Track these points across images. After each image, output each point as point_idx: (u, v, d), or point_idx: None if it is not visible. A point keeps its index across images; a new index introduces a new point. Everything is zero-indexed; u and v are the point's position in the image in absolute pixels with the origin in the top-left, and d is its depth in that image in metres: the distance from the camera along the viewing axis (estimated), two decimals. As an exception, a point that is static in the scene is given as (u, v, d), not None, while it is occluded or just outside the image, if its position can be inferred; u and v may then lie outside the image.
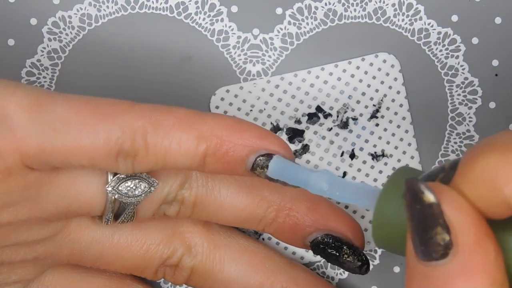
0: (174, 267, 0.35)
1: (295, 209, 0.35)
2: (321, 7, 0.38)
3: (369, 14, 0.38)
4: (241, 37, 0.38)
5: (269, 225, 0.35)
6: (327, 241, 0.34)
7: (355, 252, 0.34)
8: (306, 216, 0.35)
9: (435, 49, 0.39)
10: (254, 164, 0.30)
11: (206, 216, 0.35)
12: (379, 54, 0.38)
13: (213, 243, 0.35)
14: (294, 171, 0.29)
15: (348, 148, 0.38)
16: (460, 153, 0.39)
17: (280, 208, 0.35)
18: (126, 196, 0.31)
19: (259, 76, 0.38)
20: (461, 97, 0.39)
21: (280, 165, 0.29)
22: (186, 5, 0.38)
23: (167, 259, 0.35)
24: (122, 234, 0.34)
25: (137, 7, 0.38)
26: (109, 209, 0.32)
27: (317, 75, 0.38)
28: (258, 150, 0.30)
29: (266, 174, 0.30)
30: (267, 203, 0.35)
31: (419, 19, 0.39)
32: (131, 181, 0.31)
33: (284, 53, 0.38)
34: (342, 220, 0.35)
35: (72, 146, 0.29)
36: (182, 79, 0.38)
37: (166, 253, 0.35)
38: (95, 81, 0.38)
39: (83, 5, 0.37)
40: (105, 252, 0.34)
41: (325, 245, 0.34)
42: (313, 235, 0.35)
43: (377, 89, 0.38)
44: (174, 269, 0.35)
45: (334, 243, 0.34)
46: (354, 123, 0.38)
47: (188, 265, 0.35)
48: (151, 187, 0.32)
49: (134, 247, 0.34)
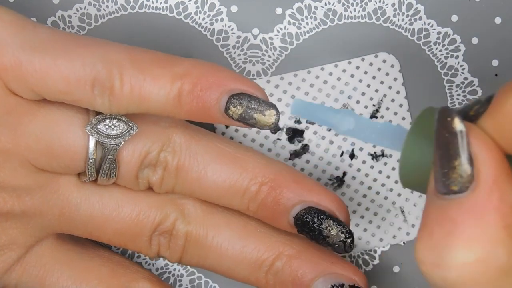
0: (169, 235, 0.34)
1: (279, 181, 0.34)
2: (321, 7, 0.38)
3: (369, 14, 0.38)
4: (240, 37, 0.38)
5: (253, 199, 0.34)
6: (311, 214, 0.34)
7: (339, 225, 0.34)
8: (290, 188, 0.34)
9: (435, 49, 0.39)
10: (227, 103, 0.31)
11: (188, 188, 0.34)
12: (379, 54, 0.38)
13: (206, 208, 0.35)
14: (317, 109, 0.29)
15: (347, 148, 0.38)
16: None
17: (263, 180, 0.34)
18: (105, 136, 0.32)
19: (259, 76, 0.38)
20: (461, 97, 0.39)
21: (302, 104, 0.29)
22: (185, 4, 0.38)
23: (160, 224, 0.34)
24: (112, 195, 0.34)
25: (136, 6, 0.38)
26: (90, 156, 0.32)
27: (317, 75, 0.38)
28: (232, 90, 0.30)
29: (238, 113, 0.30)
30: (251, 174, 0.34)
31: (419, 19, 0.39)
32: (109, 120, 0.32)
33: (284, 53, 0.38)
34: (325, 194, 0.34)
35: (49, 65, 0.30)
36: (182, 79, 0.38)
37: (158, 216, 0.34)
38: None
39: (83, 5, 0.37)
40: (95, 214, 0.34)
41: (309, 217, 0.33)
42: (297, 208, 0.34)
43: (377, 89, 0.38)
44: (169, 238, 0.35)
45: (318, 216, 0.34)
46: (354, 123, 0.38)
47: (182, 231, 0.34)
48: (130, 129, 0.32)
49: (125, 209, 0.34)
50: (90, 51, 0.30)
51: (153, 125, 0.33)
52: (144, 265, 0.39)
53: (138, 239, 0.34)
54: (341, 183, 0.39)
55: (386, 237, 0.39)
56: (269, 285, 0.35)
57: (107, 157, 0.32)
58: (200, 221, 0.35)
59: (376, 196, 0.39)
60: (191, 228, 0.35)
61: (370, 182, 0.39)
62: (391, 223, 0.39)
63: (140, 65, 0.30)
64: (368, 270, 0.39)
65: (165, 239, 0.35)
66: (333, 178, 0.39)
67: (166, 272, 0.39)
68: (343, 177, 0.39)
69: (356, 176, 0.39)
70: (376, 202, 0.39)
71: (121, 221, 0.34)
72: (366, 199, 0.39)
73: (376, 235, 0.39)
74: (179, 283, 0.39)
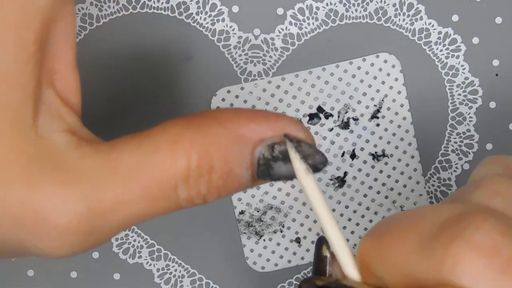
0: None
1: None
2: (322, 8, 0.38)
3: (370, 14, 0.38)
4: (242, 37, 0.38)
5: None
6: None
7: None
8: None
9: (436, 49, 0.39)
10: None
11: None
12: (380, 54, 0.39)
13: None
14: None
15: (349, 148, 0.39)
16: (460, 152, 0.39)
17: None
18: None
19: (260, 76, 0.38)
20: (462, 97, 0.39)
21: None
22: (187, 5, 0.38)
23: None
24: None
25: (138, 6, 0.38)
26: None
27: (318, 76, 0.38)
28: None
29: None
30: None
31: (419, 19, 0.39)
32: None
33: (285, 53, 0.38)
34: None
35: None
36: (183, 79, 0.38)
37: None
38: (96, 81, 0.38)
39: (85, 5, 0.37)
40: None
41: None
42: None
43: (378, 90, 0.39)
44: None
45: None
46: (355, 124, 0.39)
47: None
48: None
49: None
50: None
51: None
52: (145, 266, 0.39)
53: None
54: (342, 183, 0.39)
55: (386, 236, 0.39)
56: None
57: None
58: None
59: (376, 196, 0.39)
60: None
61: (371, 182, 0.39)
62: (391, 223, 0.39)
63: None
64: (368, 269, 0.39)
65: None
66: (334, 178, 0.39)
67: (167, 273, 0.39)
68: (344, 177, 0.39)
69: (357, 176, 0.39)
70: (376, 202, 0.39)
71: None
72: (367, 198, 0.39)
73: (377, 234, 0.39)
74: (180, 284, 0.39)
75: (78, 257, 0.39)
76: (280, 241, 0.39)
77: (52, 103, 0.27)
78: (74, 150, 0.26)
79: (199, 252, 0.39)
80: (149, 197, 0.27)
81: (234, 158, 0.27)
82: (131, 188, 0.26)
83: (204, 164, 0.27)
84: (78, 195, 0.26)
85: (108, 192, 0.26)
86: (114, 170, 0.26)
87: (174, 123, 0.27)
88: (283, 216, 0.39)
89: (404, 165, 0.39)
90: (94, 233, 0.26)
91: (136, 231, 0.39)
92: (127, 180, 0.26)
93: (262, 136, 0.28)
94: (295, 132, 0.28)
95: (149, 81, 0.38)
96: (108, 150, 0.27)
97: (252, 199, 0.39)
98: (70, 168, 0.26)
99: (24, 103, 0.25)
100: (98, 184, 0.26)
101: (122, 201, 0.26)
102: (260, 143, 0.27)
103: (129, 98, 0.38)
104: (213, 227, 0.39)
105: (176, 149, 0.26)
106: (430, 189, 0.39)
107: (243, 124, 0.27)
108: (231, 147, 0.27)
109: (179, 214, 0.39)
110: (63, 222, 0.25)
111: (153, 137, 0.27)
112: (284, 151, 0.28)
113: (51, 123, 0.26)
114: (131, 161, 0.26)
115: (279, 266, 0.39)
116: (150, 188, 0.26)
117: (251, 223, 0.39)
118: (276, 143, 0.28)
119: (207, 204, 0.39)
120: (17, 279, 0.39)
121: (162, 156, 0.26)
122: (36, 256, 0.27)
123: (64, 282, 0.39)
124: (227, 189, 0.28)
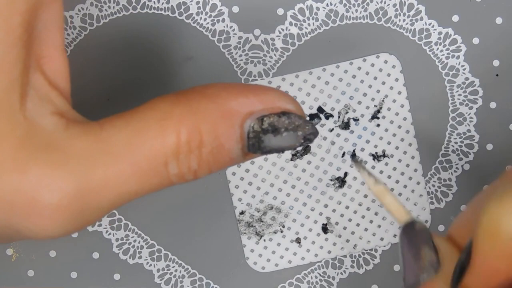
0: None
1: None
2: (323, 8, 0.38)
3: (370, 14, 0.38)
4: (242, 38, 0.38)
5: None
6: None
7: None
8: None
9: (436, 49, 0.39)
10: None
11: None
12: (381, 54, 0.39)
13: None
14: None
15: (349, 149, 0.39)
16: (461, 153, 0.39)
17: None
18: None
19: (260, 77, 0.38)
20: (462, 97, 0.39)
21: None
22: (187, 5, 0.38)
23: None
24: None
25: (138, 7, 0.38)
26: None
27: (319, 76, 0.38)
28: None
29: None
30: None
31: (420, 20, 0.39)
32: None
33: (286, 53, 0.38)
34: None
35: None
36: (183, 80, 0.38)
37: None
38: (96, 81, 0.38)
39: (85, 5, 0.37)
40: None
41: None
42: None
43: (379, 90, 0.39)
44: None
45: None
46: (355, 124, 0.39)
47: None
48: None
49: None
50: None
51: None
52: (145, 266, 0.39)
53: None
54: (343, 184, 0.39)
55: (387, 236, 0.39)
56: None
57: None
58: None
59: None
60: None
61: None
62: (391, 223, 0.39)
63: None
64: (369, 269, 0.39)
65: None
66: (335, 179, 0.39)
67: (167, 273, 0.39)
68: (344, 177, 0.39)
69: (357, 176, 0.39)
70: (377, 202, 0.39)
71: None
72: (367, 199, 0.39)
73: (377, 234, 0.39)
74: (180, 284, 0.39)
75: (78, 258, 0.39)
76: (280, 242, 0.39)
77: (40, 86, 0.27)
78: (63, 131, 0.26)
79: (199, 252, 0.39)
80: (139, 174, 0.27)
81: (224, 132, 0.27)
82: (121, 166, 0.26)
83: (194, 140, 0.27)
84: (68, 175, 0.26)
85: (98, 171, 0.26)
86: (103, 149, 0.26)
87: (163, 100, 0.27)
88: (284, 216, 0.39)
89: (405, 166, 0.39)
90: (86, 212, 0.26)
91: (136, 232, 0.39)
92: (117, 159, 0.26)
93: (251, 110, 0.28)
94: (284, 105, 0.28)
95: (149, 81, 0.38)
96: (97, 130, 0.27)
97: (253, 199, 0.39)
98: (59, 149, 0.26)
99: (11, 86, 0.25)
100: (88, 163, 0.26)
101: (112, 180, 0.26)
102: (250, 117, 0.28)
103: (129, 98, 0.38)
104: (213, 227, 0.39)
105: (165, 125, 0.27)
106: (430, 190, 0.39)
107: (232, 98, 0.27)
108: (221, 121, 0.27)
109: (179, 214, 0.39)
110: (53, 202, 0.25)
111: (142, 115, 0.27)
112: (274, 123, 0.28)
113: (40, 107, 0.26)
114: (120, 140, 0.26)
115: (279, 267, 0.39)
116: (140, 165, 0.26)
117: (251, 223, 0.39)
118: (265, 115, 0.28)
119: (207, 204, 0.39)
120: (17, 279, 0.39)
121: (152, 133, 0.26)
122: (29, 239, 0.27)
123: (64, 282, 0.39)
124: (218, 164, 0.28)
